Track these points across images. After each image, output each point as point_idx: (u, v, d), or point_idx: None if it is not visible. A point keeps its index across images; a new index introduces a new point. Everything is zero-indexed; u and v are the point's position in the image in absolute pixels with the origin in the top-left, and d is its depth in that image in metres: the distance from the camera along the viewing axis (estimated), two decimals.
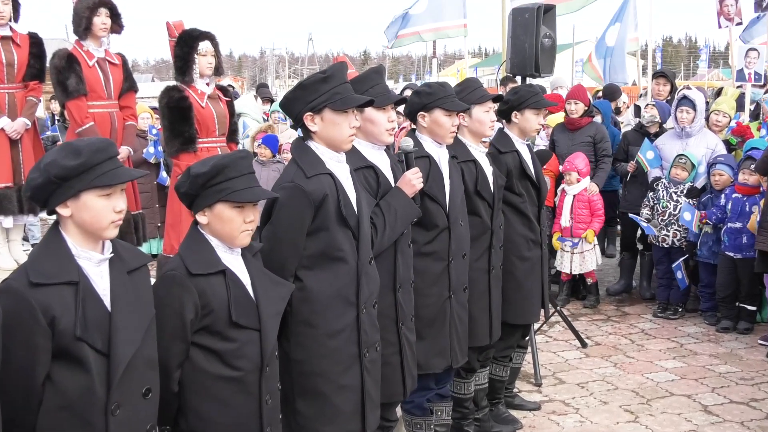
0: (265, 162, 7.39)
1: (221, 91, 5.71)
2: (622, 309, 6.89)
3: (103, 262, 2.15)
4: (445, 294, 3.56)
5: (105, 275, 2.14)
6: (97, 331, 2.07)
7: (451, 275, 3.56)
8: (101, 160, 2.10)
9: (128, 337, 2.11)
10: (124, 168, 2.16)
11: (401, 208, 3.18)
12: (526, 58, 5.55)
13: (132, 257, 2.24)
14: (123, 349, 2.09)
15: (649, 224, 6.49)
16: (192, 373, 2.41)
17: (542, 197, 4.37)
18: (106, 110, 5.67)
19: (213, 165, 2.42)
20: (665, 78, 7.97)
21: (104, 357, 2.08)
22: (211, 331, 2.40)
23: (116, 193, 2.15)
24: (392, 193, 3.20)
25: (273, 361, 2.54)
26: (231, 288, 2.43)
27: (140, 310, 2.18)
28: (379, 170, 3.22)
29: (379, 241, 3.08)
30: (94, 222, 2.11)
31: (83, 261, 2.11)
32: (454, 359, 3.60)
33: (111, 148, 2.15)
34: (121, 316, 2.11)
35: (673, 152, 6.53)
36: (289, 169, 2.88)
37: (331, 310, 2.84)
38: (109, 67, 5.68)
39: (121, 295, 2.14)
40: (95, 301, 2.09)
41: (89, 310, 2.06)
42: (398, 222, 3.16)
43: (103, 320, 2.09)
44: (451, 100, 3.58)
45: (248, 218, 2.47)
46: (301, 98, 2.86)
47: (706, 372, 5.36)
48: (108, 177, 2.10)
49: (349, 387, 2.88)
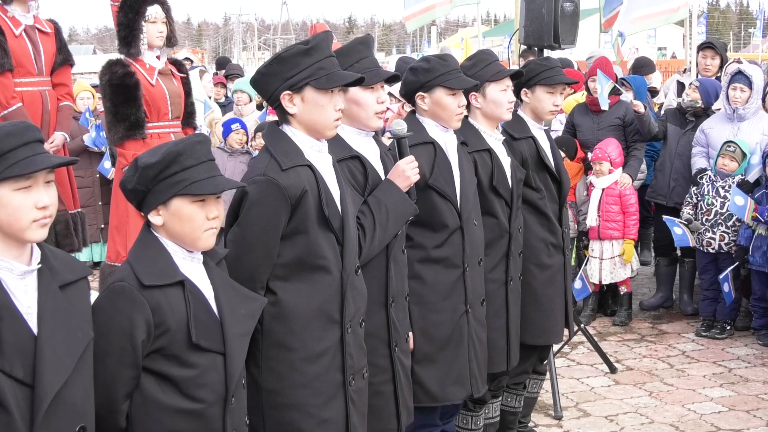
0: (233, 151, 7.38)
1: (175, 65, 5.71)
2: (659, 327, 6.92)
3: (28, 275, 2.14)
4: (460, 308, 3.58)
5: (31, 290, 2.13)
6: (18, 356, 2.05)
7: (467, 285, 3.58)
8: (13, 146, 2.08)
9: (57, 364, 2.10)
10: (45, 155, 2.14)
11: (393, 204, 3.17)
12: (544, 25, 5.56)
13: (66, 268, 2.23)
14: (50, 378, 2.08)
15: (685, 230, 6.47)
16: (143, 405, 2.40)
17: (564, 192, 4.39)
18: (36, 88, 5.66)
19: (165, 153, 2.42)
20: (713, 50, 7.97)
21: (28, 388, 2.06)
22: (166, 354, 2.40)
23: (38, 186, 2.13)
24: (382, 188, 3.20)
25: (239, 390, 2.54)
26: (191, 302, 2.43)
27: (73, 333, 2.16)
28: (366, 161, 3.22)
29: (367, 246, 3.08)
30: (12, 222, 2.09)
31: (2, 272, 2.10)
32: (474, 387, 3.62)
33: (28, 133, 2.13)
34: (49, 339, 2.10)
35: (721, 138, 6.55)
36: (261, 160, 2.88)
37: (311, 329, 2.84)
38: (40, 36, 5.66)
39: (50, 315, 2.12)
40: (15, 321, 2.07)
41: (6, 332, 2.04)
42: (390, 222, 3.15)
43: (26, 344, 2.07)
44: (455, 76, 3.59)
45: (211, 214, 2.48)
46: (278, 73, 2.87)
47: (759, 402, 5.38)
48: (20, 166, 2.08)
49: (332, 421, 2.89)
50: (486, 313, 3.77)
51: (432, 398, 3.53)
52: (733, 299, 6.38)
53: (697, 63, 8.20)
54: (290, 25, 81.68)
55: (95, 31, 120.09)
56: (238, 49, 72.10)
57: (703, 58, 7.91)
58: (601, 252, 6.78)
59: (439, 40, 34.77)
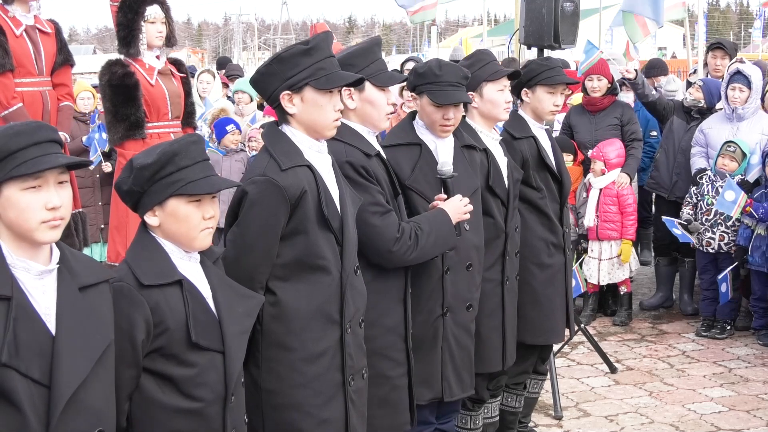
0: (229, 150, 7.38)
1: (175, 65, 5.70)
2: (659, 327, 6.92)
3: (46, 275, 2.13)
4: (437, 311, 3.57)
5: (50, 291, 2.12)
6: (35, 357, 2.05)
7: (445, 289, 3.57)
8: (22, 145, 2.08)
9: (74, 365, 2.09)
10: (55, 155, 2.12)
11: (442, 232, 3.33)
12: (544, 25, 5.58)
13: (87, 271, 2.22)
14: (66, 379, 2.07)
15: (684, 231, 6.46)
16: (143, 405, 2.40)
17: (565, 192, 4.39)
18: (36, 88, 5.66)
19: (160, 153, 2.42)
20: (723, 50, 7.93)
21: (45, 389, 2.06)
22: (165, 353, 2.40)
23: (48, 186, 2.12)
24: (436, 214, 3.37)
25: (239, 389, 2.55)
26: (189, 301, 2.43)
27: (92, 335, 2.15)
28: (385, 159, 3.32)
29: (418, 251, 3.23)
30: (21, 222, 2.09)
31: (20, 272, 2.09)
32: (446, 390, 3.61)
33: (39, 132, 2.12)
34: (67, 340, 2.09)
35: (720, 138, 6.55)
36: (260, 160, 2.88)
37: (310, 329, 2.85)
38: (40, 36, 5.66)
39: (69, 316, 2.11)
40: (32, 321, 2.07)
41: (23, 332, 2.04)
42: (436, 246, 3.32)
43: (44, 344, 2.07)
44: (443, 89, 3.59)
45: (207, 214, 2.48)
46: (278, 73, 2.87)
47: (759, 402, 5.38)
48: (27, 166, 2.07)
49: (331, 421, 2.89)
50: (481, 312, 3.77)
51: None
52: (728, 299, 6.37)
53: (705, 63, 8.17)
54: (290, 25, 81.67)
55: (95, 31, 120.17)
56: (238, 49, 72.09)
57: (713, 59, 7.88)
58: (600, 252, 6.78)
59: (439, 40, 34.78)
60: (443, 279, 3.57)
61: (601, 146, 6.70)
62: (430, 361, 3.56)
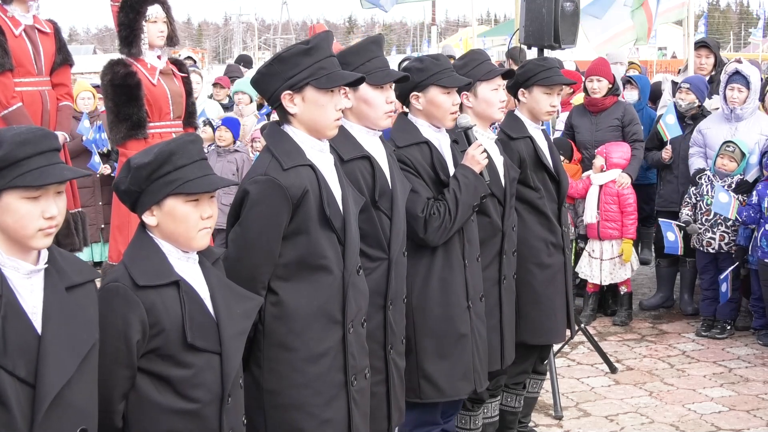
0: (221, 150, 7.36)
1: (176, 65, 5.71)
2: (659, 327, 6.92)
3: (34, 274, 2.14)
4: (463, 303, 3.60)
5: (37, 290, 2.13)
6: (21, 355, 2.05)
7: (468, 281, 3.61)
8: (28, 154, 2.08)
9: (59, 364, 2.09)
10: (60, 166, 2.14)
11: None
12: (544, 25, 5.57)
13: (74, 270, 2.23)
14: (51, 378, 2.07)
15: (678, 236, 6.45)
16: (138, 406, 2.40)
17: (563, 192, 4.39)
18: (35, 88, 5.67)
19: (157, 153, 2.42)
20: (707, 49, 7.96)
21: (30, 387, 2.06)
22: (161, 354, 2.40)
23: (47, 196, 2.13)
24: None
25: (236, 390, 2.54)
26: (186, 302, 2.42)
27: (78, 334, 2.16)
28: (375, 161, 3.25)
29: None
30: (18, 229, 2.10)
31: (9, 271, 2.10)
32: (477, 382, 3.67)
33: (45, 141, 2.13)
34: (53, 339, 2.10)
35: (718, 138, 6.55)
36: (262, 160, 2.88)
37: (312, 329, 2.84)
38: (39, 36, 5.66)
39: (55, 315, 2.12)
40: (20, 319, 2.07)
41: (11, 330, 2.04)
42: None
43: (30, 343, 2.07)
44: (449, 75, 3.60)
45: (205, 213, 2.47)
46: (278, 73, 2.87)
47: (759, 402, 5.38)
48: (32, 176, 2.08)
49: (334, 422, 2.89)
50: None
51: (442, 394, 3.56)
52: (727, 299, 6.38)
53: (693, 62, 8.20)
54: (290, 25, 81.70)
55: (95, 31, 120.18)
56: (239, 49, 72.01)
57: (698, 57, 7.90)
58: (601, 252, 6.78)
59: (439, 40, 34.75)
60: (465, 272, 3.61)
61: (608, 145, 6.74)
62: (464, 355, 3.60)
